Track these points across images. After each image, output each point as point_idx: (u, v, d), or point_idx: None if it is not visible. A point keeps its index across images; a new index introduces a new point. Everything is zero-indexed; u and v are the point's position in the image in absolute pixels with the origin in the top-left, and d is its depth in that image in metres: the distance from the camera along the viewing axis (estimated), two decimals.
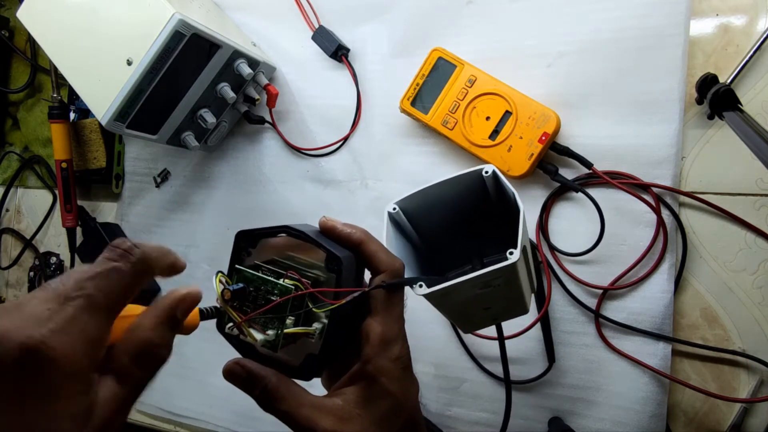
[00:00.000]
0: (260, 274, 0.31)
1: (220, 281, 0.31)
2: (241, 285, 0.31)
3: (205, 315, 0.30)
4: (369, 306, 0.32)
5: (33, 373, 0.21)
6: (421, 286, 0.33)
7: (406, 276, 0.33)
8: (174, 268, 0.29)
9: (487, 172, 0.38)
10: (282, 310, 0.30)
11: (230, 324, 0.31)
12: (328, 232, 0.33)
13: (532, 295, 0.48)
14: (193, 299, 0.28)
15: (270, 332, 0.30)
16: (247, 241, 0.32)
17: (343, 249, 0.32)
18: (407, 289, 0.34)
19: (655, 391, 0.50)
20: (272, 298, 0.30)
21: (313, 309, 0.30)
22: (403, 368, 0.32)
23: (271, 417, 0.70)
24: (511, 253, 0.32)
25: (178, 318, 0.27)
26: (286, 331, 0.30)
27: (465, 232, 0.42)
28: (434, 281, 0.33)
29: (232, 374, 0.30)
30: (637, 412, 0.50)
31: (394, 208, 0.39)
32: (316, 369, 0.32)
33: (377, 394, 0.31)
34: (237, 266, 0.31)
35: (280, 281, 0.30)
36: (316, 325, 0.30)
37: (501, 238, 0.34)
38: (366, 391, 0.31)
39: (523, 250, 0.34)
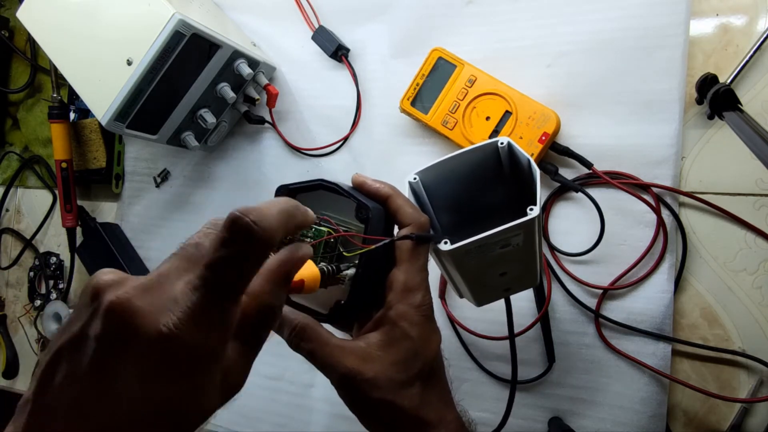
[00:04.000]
0: None
1: None
2: None
3: (324, 274, 0.31)
4: (394, 258, 0.34)
5: (168, 355, 0.22)
6: (446, 242, 0.33)
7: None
8: (302, 227, 0.28)
9: (502, 144, 0.39)
10: (315, 253, 0.32)
11: None
12: (359, 186, 0.36)
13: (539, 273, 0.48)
14: (306, 260, 0.28)
15: None
16: (284, 195, 0.34)
17: (373, 202, 0.34)
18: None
19: (655, 391, 0.50)
20: (308, 240, 0.32)
21: (344, 253, 0.32)
22: (424, 316, 0.33)
23: (271, 418, 0.70)
24: (531, 209, 0.33)
25: (291, 277, 0.27)
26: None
27: (477, 207, 0.42)
28: (458, 240, 0.33)
29: None
30: (637, 412, 0.50)
31: (415, 178, 0.40)
32: (344, 314, 0.33)
33: (397, 338, 0.33)
34: None
35: (316, 227, 0.32)
36: (347, 272, 0.32)
37: (511, 213, 0.35)
38: (387, 334, 0.33)
39: (539, 215, 0.35)
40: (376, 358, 0.32)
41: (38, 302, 0.79)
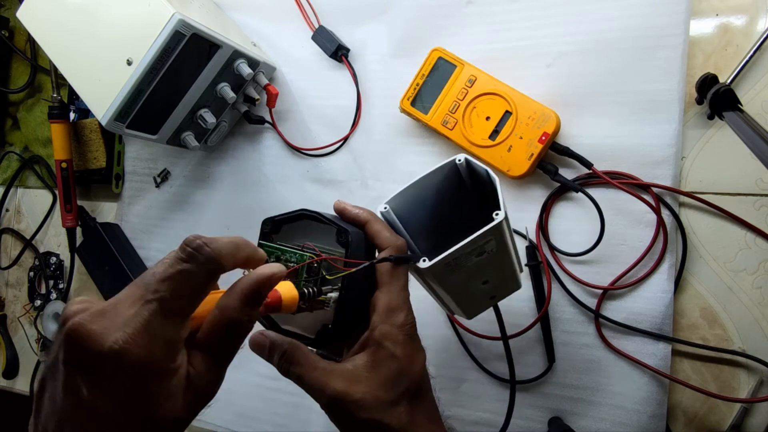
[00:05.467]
0: (281, 245, 0.35)
1: None
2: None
3: (305, 296, 0.32)
4: (376, 282, 0.35)
5: (121, 370, 0.24)
6: (424, 260, 0.35)
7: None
8: (250, 262, 0.29)
9: (460, 161, 0.41)
10: (298, 278, 0.33)
11: None
12: (340, 212, 0.38)
13: (522, 273, 0.49)
14: (278, 278, 0.29)
15: None
16: (270, 227, 0.36)
17: (353, 227, 0.36)
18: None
19: (655, 391, 0.50)
20: (291, 264, 0.34)
21: (327, 276, 0.33)
22: (407, 335, 0.34)
23: (271, 418, 0.70)
24: (496, 214, 0.35)
25: (262, 295, 0.28)
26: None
27: (449, 226, 0.43)
28: (435, 256, 0.35)
29: (257, 343, 0.34)
30: (637, 412, 0.50)
31: (386, 208, 0.41)
32: (330, 336, 0.34)
33: (383, 358, 0.33)
34: (261, 242, 0.35)
35: (299, 252, 0.34)
36: (331, 295, 0.33)
37: (481, 225, 0.36)
38: (373, 355, 0.34)
39: (505, 219, 0.37)
40: (363, 379, 0.33)
41: (38, 302, 0.79)
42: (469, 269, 0.38)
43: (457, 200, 0.43)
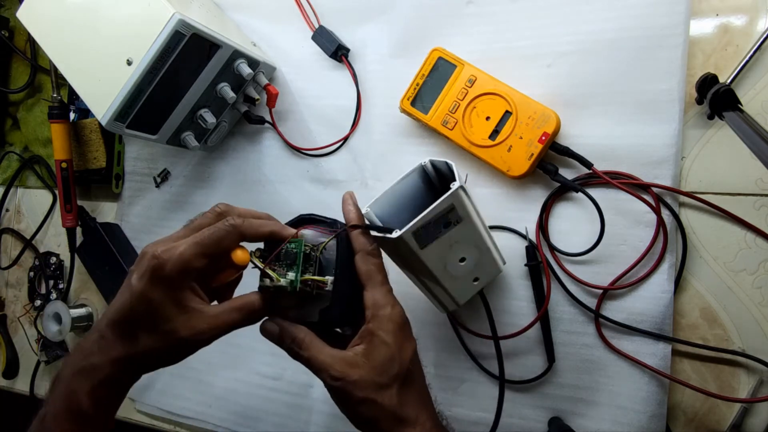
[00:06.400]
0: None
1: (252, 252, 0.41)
2: (263, 246, 0.41)
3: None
4: (362, 283, 0.40)
5: (157, 268, 0.36)
6: (396, 231, 0.40)
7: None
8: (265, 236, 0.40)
9: (425, 163, 0.47)
10: (297, 263, 0.40)
11: (264, 279, 0.39)
12: (342, 202, 0.44)
13: (503, 263, 0.53)
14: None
15: (290, 275, 0.39)
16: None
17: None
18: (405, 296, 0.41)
19: (655, 391, 0.50)
20: (290, 250, 0.40)
21: (316, 254, 0.40)
22: (397, 324, 0.39)
23: (271, 418, 0.70)
24: (452, 184, 0.40)
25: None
26: (304, 277, 0.39)
27: None
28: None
29: (268, 329, 0.40)
30: (637, 412, 0.50)
31: (368, 210, 0.45)
32: (330, 317, 0.40)
33: (376, 346, 0.38)
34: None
35: (296, 240, 0.40)
36: (328, 277, 0.39)
37: None
38: (368, 344, 0.39)
39: (464, 191, 0.42)
40: (361, 364, 0.38)
41: (38, 302, 0.79)
42: (442, 243, 0.42)
43: (430, 200, 0.45)
